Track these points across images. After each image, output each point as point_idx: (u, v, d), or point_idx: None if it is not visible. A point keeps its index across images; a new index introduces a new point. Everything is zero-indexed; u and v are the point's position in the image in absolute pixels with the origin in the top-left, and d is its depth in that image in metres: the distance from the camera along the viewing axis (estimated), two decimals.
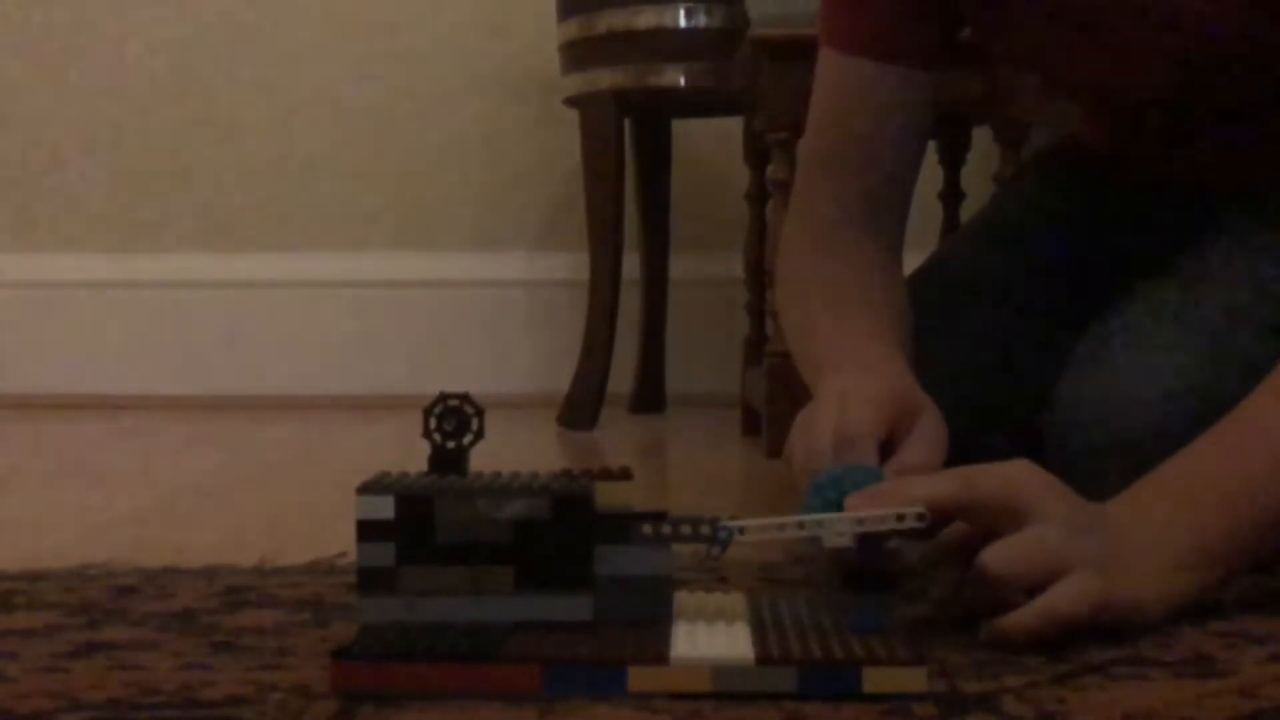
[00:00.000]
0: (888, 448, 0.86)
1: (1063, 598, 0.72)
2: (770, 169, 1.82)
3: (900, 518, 0.72)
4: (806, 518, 0.75)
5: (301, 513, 1.39)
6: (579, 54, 2.25)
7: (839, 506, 0.77)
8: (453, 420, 0.73)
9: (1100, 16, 1.03)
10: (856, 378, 0.92)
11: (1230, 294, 1.02)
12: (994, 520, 0.74)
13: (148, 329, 2.72)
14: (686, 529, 0.72)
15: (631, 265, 2.44)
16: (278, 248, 2.75)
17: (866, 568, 0.74)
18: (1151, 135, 1.16)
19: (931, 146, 2.08)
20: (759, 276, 2.12)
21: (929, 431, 0.89)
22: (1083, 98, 1.23)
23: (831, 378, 0.95)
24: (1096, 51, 1.06)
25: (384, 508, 0.71)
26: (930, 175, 2.08)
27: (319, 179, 2.74)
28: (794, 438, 0.89)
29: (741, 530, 0.73)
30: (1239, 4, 0.98)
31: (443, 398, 0.73)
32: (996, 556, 0.73)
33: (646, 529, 0.71)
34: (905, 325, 1.08)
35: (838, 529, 0.73)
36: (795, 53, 1.70)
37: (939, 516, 0.75)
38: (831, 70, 1.13)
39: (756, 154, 2.14)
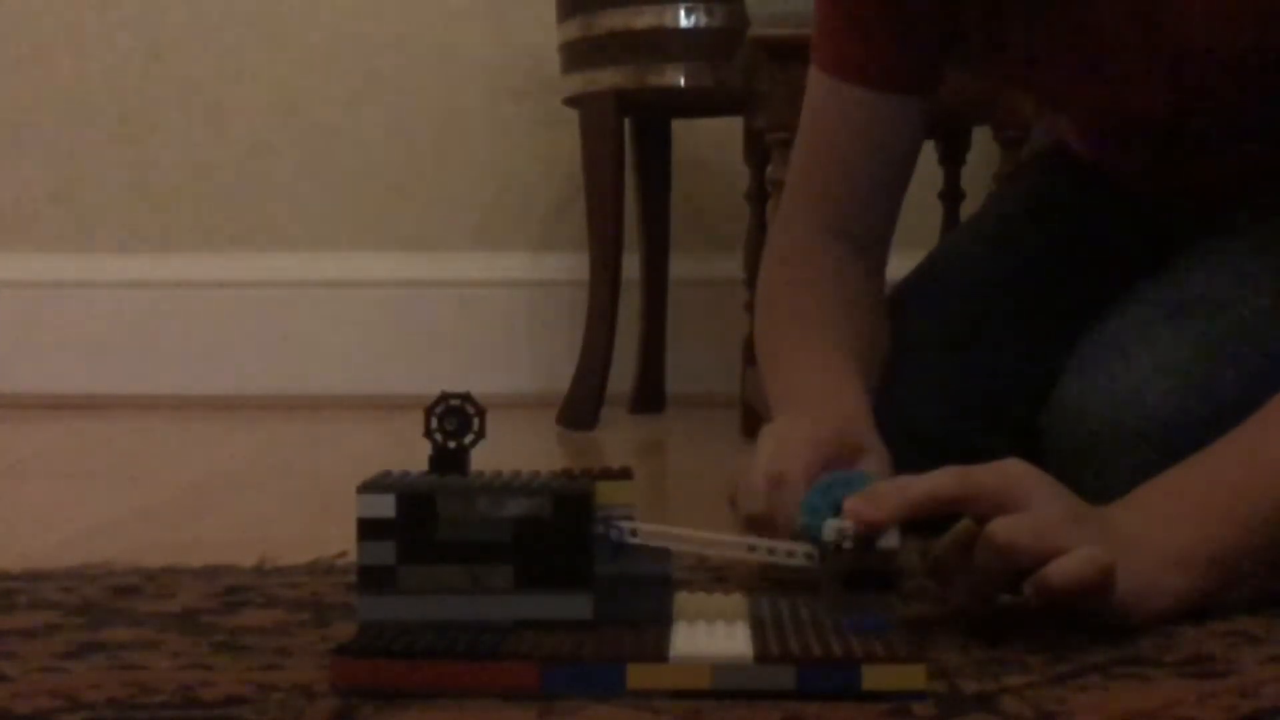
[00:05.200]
0: None
1: (1074, 559, 0.72)
2: (770, 169, 1.82)
3: (790, 554, 0.72)
4: (697, 533, 0.74)
5: (302, 513, 1.39)
6: (579, 54, 2.26)
7: (837, 509, 0.77)
8: (454, 420, 0.73)
9: (1099, 40, 1.03)
10: (794, 419, 0.92)
11: (1230, 294, 1.02)
12: (993, 512, 0.74)
13: (148, 329, 2.72)
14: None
15: (631, 265, 2.45)
16: (278, 248, 2.75)
17: (865, 568, 0.74)
18: (1145, 156, 1.16)
19: (931, 146, 2.08)
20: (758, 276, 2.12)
21: (871, 464, 0.89)
22: (1078, 117, 1.23)
23: (773, 421, 0.95)
24: (1093, 73, 1.06)
25: (385, 506, 0.71)
26: (930, 175, 2.09)
27: (318, 179, 2.74)
28: (731, 480, 0.89)
29: (634, 532, 0.73)
30: (1236, 31, 0.98)
31: (444, 397, 0.73)
32: (1004, 525, 0.73)
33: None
34: (873, 352, 1.08)
35: (726, 551, 0.74)
36: (795, 53, 1.69)
37: (938, 512, 0.76)
38: (821, 93, 1.13)
39: (756, 154, 2.14)
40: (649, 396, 2.54)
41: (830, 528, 0.76)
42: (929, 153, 2.08)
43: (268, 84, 2.73)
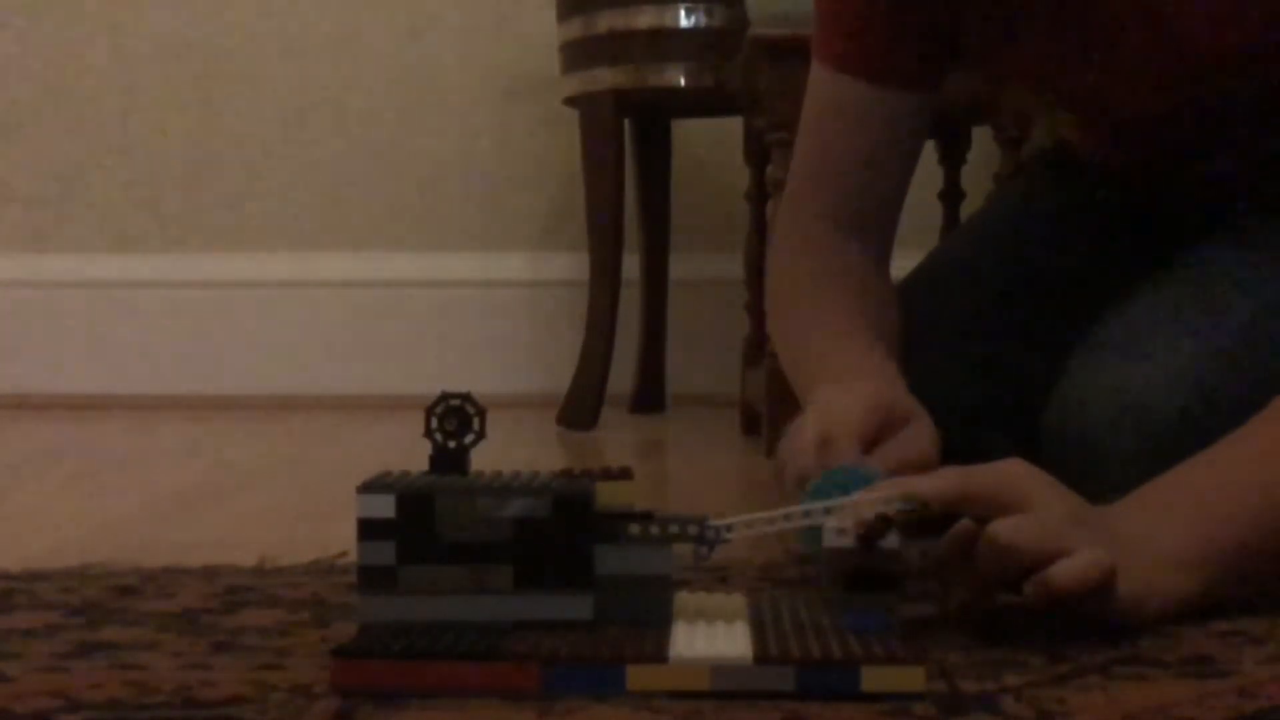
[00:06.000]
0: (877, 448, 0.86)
1: (1076, 560, 0.72)
2: (770, 169, 1.82)
3: (889, 500, 0.72)
4: (794, 509, 0.75)
5: (301, 513, 1.39)
6: (579, 54, 2.25)
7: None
8: (454, 420, 0.73)
9: (1103, 36, 1.03)
10: (843, 387, 0.92)
11: (1230, 293, 1.02)
12: (995, 513, 0.74)
13: (148, 329, 2.72)
14: (675, 529, 0.72)
15: (631, 265, 2.45)
16: (278, 248, 2.75)
17: (866, 568, 0.74)
18: (1148, 154, 1.16)
19: (931, 146, 2.08)
20: (759, 276, 2.12)
21: (921, 431, 0.89)
22: (1081, 115, 1.23)
23: (821, 388, 0.95)
24: (1099, 69, 1.06)
25: (385, 506, 0.71)
26: (930, 175, 2.09)
27: (319, 179, 2.74)
28: (781, 446, 0.89)
29: (729, 528, 0.73)
30: (1241, 26, 0.98)
31: (444, 397, 0.73)
32: (1005, 526, 0.73)
33: (634, 529, 0.71)
34: (896, 336, 1.08)
35: (832, 520, 0.73)
36: (795, 53, 1.69)
37: (937, 512, 0.76)
38: (823, 87, 1.13)
39: (756, 154, 2.14)
40: (649, 396, 2.54)
41: (830, 527, 0.76)
42: (929, 153, 2.07)
43: (268, 85, 2.73)
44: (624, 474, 0.74)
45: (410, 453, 0.89)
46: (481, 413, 0.73)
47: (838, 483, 0.80)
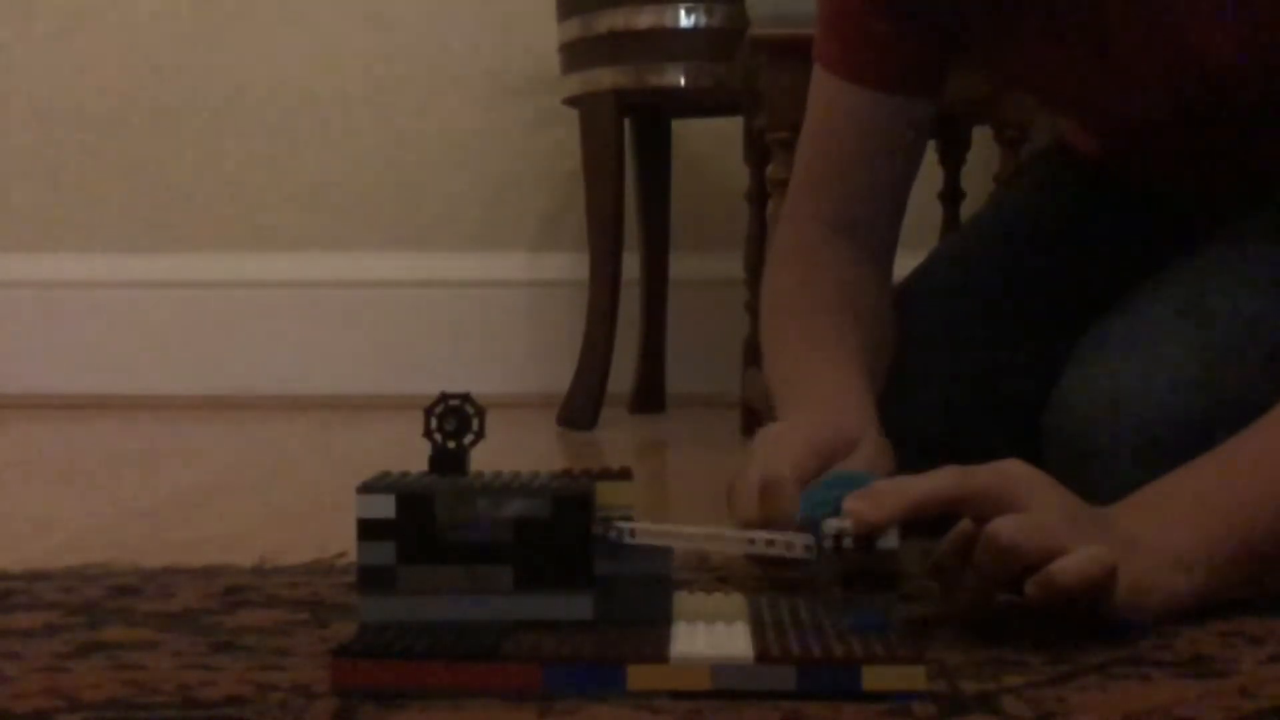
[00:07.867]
0: None
1: (1078, 558, 0.72)
2: (770, 169, 1.82)
3: (790, 546, 0.73)
4: (698, 530, 0.75)
5: (301, 513, 1.39)
6: (579, 54, 2.25)
7: (836, 509, 0.77)
8: (454, 420, 0.73)
9: (1106, 41, 1.03)
10: (792, 422, 0.92)
11: (1231, 294, 1.02)
12: (993, 512, 0.74)
13: (148, 329, 2.72)
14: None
15: (631, 265, 2.45)
16: (278, 248, 2.75)
17: (865, 568, 0.74)
18: (1150, 156, 1.16)
19: (931, 146, 2.08)
20: (759, 276, 2.12)
21: (865, 452, 0.89)
22: (1083, 117, 1.23)
23: (767, 426, 0.95)
24: (1101, 74, 1.06)
25: (385, 506, 0.71)
26: (930, 175, 2.08)
27: (319, 179, 2.74)
28: (730, 487, 0.89)
29: (632, 533, 0.73)
30: (1242, 31, 0.98)
31: (444, 397, 0.73)
32: (1005, 525, 0.73)
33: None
34: (879, 355, 1.08)
35: (727, 547, 0.74)
36: (795, 53, 1.69)
37: (938, 512, 0.76)
38: (824, 91, 1.13)
39: (756, 154, 2.14)
40: (649, 396, 2.53)
41: (830, 527, 0.76)
42: (929, 153, 2.07)
43: (268, 85, 2.73)
44: (624, 474, 0.74)
45: (410, 453, 0.89)
46: (481, 413, 0.73)
47: (828, 491, 0.80)
